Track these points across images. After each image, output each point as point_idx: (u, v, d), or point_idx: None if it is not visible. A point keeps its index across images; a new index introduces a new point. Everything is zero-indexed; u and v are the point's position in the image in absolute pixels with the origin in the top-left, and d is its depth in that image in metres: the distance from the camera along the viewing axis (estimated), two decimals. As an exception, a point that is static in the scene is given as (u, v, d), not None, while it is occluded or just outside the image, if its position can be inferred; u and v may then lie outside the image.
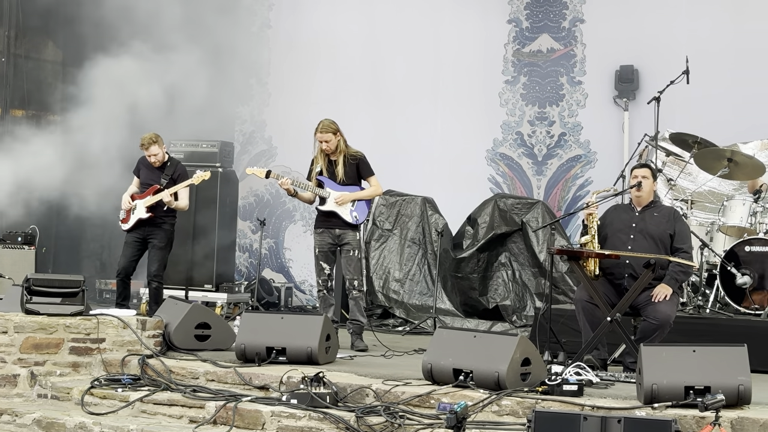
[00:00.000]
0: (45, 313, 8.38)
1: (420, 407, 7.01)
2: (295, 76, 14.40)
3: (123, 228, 10.39)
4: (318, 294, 9.49)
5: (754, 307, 9.36)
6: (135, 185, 10.49)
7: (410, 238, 12.40)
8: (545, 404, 6.72)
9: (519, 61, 13.57)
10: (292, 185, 9.30)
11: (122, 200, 10.38)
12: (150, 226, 10.28)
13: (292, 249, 14.70)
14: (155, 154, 10.31)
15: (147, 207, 10.21)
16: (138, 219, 10.23)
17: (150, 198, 10.20)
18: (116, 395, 7.75)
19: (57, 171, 11.20)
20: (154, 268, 10.28)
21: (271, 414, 7.08)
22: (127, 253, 10.34)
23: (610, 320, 7.73)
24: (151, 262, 10.32)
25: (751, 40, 12.13)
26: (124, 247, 10.39)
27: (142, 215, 10.23)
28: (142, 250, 10.38)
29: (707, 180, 10.54)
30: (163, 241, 10.31)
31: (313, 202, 9.49)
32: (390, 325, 11.86)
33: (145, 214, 10.21)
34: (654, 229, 8.11)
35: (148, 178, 10.38)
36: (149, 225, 10.28)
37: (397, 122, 13.49)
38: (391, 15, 13.89)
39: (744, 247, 9.52)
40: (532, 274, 11.88)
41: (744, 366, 6.66)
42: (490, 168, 13.61)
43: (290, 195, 9.52)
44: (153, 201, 10.18)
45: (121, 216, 10.40)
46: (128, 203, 10.31)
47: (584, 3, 13.26)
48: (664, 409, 6.51)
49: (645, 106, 11.32)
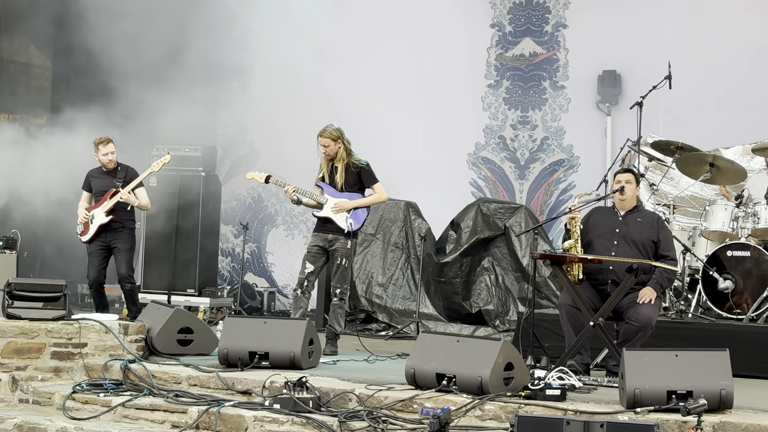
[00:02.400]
0: (26, 318, 8.34)
1: (403, 412, 7.01)
2: (278, 80, 14.39)
3: (83, 240, 10.30)
4: (293, 293, 9.47)
5: (736, 312, 9.38)
6: (85, 200, 10.41)
7: (393, 243, 12.40)
8: (528, 409, 6.72)
9: (502, 65, 13.59)
10: (294, 193, 9.31)
11: (78, 214, 10.32)
12: (111, 233, 10.21)
13: (274, 253, 14.69)
14: (111, 152, 10.25)
15: (106, 211, 10.15)
16: (99, 225, 10.15)
17: (108, 202, 10.15)
18: (98, 400, 7.72)
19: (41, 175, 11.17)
20: (124, 271, 10.24)
21: (253, 419, 7.07)
22: (95, 262, 10.28)
23: (593, 325, 7.74)
24: (119, 265, 10.27)
25: (733, 46, 12.18)
26: (90, 258, 10.30)
27: (102, 221, 10.14)
28: (107, 257, 10.31)
29: (689, 185, 10.58)
30: (127, 243, 10.27)
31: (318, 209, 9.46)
32: (373, 329, 11.85)
33: (105, 219, 10.14)
34: (637, 235, 8.14)
35: (101, 186, 10.30)
36: (110, 232, 10.21)
37: (379, 125, 13.47)
38: (373, 18, 13.89)
39: (726, 251, 9.54)
40: (515, 279, 11.89)
41: (726, 370, 6.68)
42: (472, 172, 13.62)
43: (294, 203, 9.52)
44: (112, 204, 10.12)
45: (79, 230, 10.31)
46: (85, 215, 10.25)
47: (567, 8, 13.30)
48: (646, 413, 6.52)
49: (628, 110, 11.35)
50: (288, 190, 9.33)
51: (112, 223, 10.16)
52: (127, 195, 10.07)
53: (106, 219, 10.14)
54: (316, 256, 9.41)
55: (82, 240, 10.31)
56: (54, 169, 11.23)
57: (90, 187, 10.39)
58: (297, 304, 9.40)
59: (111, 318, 8.90)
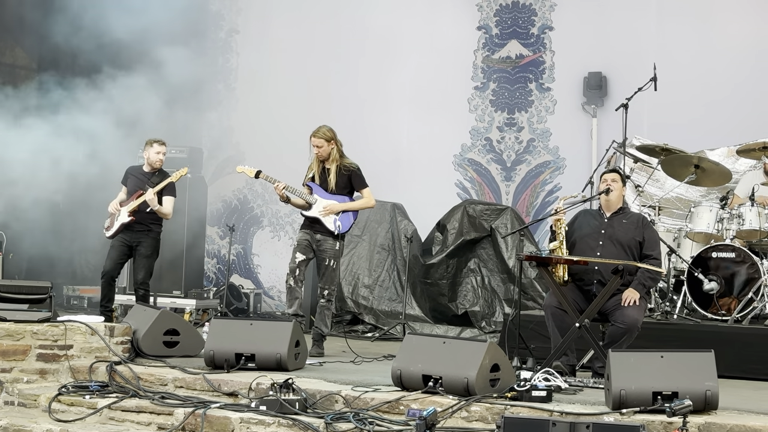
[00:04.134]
0: (12, 320, 8.30)
1: (389, 413, 7.01)
2: (263, 82, 14.39)
3: (106, 235, 10.32)
4: (285, 284, 9.44)
5: (721, 313, 9.41)
6: (123, 193, 10.45)
7: (379, 244, 12.41)
8: (514, 410, 6.73)
9: (488, 67, 13.61)
10: (284, 190, 9.29)
11: (109, 206, 10.33)
12: (136, 233, 10.23)
13: (260, 255, 14.69)
14: (164, 153, 10.36)
15: (129, 211, 10.17)
16: (121, 224, 10.19)
17: (133, 203, 10.18)
18: (84, 402, 7.69)
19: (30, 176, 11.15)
20: (141, 276, 10.24)
21: (240, 420, 7.05)
22: (113, 255, 10.28)
23: (578, 326, 7.76)
24: (137, 270, 10.28)
25: (718, 48, 12.24)
26: (110, 250, 10.30)
27: (124, 220, 10.19)
28: (128, 254, 10.32)
29: (675, 186, 10.60)
30: (150, 249, 10.27)
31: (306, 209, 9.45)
32: (359, 331, 11.86)
33: (126, 218, 10.17)
34: (623, 236, 8.15)
35: (135, 186, 10.35)
36: (136, 231, 10.23)
37: (366, 127, 13.49)
38: (359, 20, 13.91)
39: (711, 253, 9.57)
40: (501, 280, 11.90)
41: (711, 371, 6.69)
42: (458, 173, 13.64)
43: (282, 201, 9.49)
44: (135, 205, 10.15)
45: (106, 224, 10.33)
46: (115, 209, 10.27)
47: (553, 10, 13.33)
48: (632, 414, 6.53)
49: (613, 112, 11.37)
50: (278, 186, 9.31)
51: (136, 224, 10.17)
52: (152, 196, 10.09)
53: (128, 219, 10.16)
54: (306, 248, 9.38)
55: (106, 235, 10.30)
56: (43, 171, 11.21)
57: (127, 183, 10.42)
58: (292, 295, 9.33)
59: (97, 320, 8.87)
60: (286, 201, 9.48)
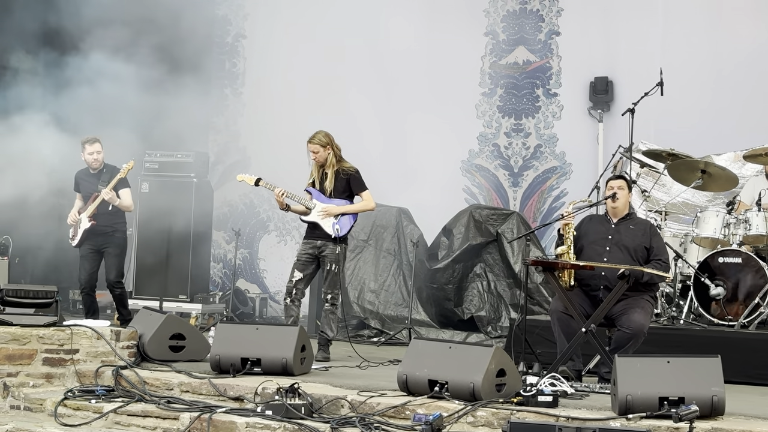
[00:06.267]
0: (18, 324, 8.31)
1: (395, 418, 7.00)
2: (270, 87, 14.39)
3: (73, 245, 10.33)
4: (283, 302, 9.49)
5: (727, 318, 9.40)
6: (79, 200, 10.44)
7: (385, 249, 12.40)
8: (520, 415, 6.72)
9: (496, 73, 13.61)
10: (283, 196, 9.31)
11: (68, 218, 10.32)
12: (102, 236, 10.24)
13: (266, 259, 14.68)
14: (98, 152, 10.26)
15: (89, 216, 10.16)
16: (84, 230, 10.19)
17: (91, 206, 10.17)
18: (90, 407, 7.70)
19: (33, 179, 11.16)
20: (113, 276, 10.27)
21: (245, 425, 7.06)
22: (86, 266, 10.30)
23: (584, 331, 7.75)
24: (108, 270, 10.30)
25: (725, 53, 12.22)
26: (81, 261, 10.33)
27: (86, 225, 10.21)
28: (98, 260, 10.34)
29: (681, 191, 10.59)
30: (118, 248, 10.31)
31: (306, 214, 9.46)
32: (365, 335, 11.85)
33: (88, 224, 10.18)
34: (629, 242, 8.14)
35: (88, 190, 10.35)
36: (101, 235, 10.23)
37: (373, 132, 13.49)
38: (367, 26, 13.90)
39: (717, 258, 9.56)
40: (507, 285, 11.89)
41: (718, 377, 6.69)
42: (466, 179, 13.64)
43: (283, 209, 9.52)
44: (94, 207, 10.14)
45: (70, 234, 10.34)
46: (74, 218, 10.26)
47: (560, 16, 13.32)
48: (638, 420, 6.53)
49: (619, 117, 11.37)
50: (277, 192, 9.33)
51: (100, 227, 10.17)
52: (110, 194, 10.07)
53: (89, 224, 10.16)
54: (306, 264, 9.41)
55: (72, 245, 10.31)
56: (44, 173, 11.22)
57: (79, 189, 10.41)
58: (288, 313, 9.42)
59: (103, 324, 8.88)
60: (286, 209, 9.50)
